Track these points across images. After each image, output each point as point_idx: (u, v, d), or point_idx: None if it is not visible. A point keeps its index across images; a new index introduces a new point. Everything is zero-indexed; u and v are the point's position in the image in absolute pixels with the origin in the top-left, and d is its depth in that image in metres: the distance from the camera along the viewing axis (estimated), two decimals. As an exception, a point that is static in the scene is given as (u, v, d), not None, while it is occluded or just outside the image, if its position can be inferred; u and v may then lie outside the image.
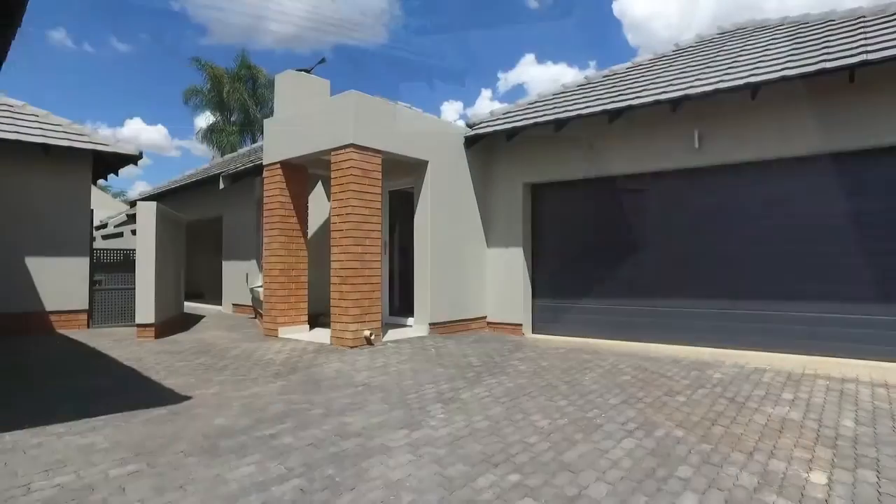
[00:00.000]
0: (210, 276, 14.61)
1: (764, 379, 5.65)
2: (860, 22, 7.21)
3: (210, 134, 34.02)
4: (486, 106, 64.13)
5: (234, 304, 12.88)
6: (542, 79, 68.24)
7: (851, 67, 5.94)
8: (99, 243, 14.28)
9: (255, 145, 21.15)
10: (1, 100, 9.57)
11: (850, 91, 6.29)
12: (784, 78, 6.23)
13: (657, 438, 3.88)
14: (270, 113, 32.76)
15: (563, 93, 9.51)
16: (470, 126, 9.51)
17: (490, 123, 9.15)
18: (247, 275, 12.21)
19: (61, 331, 9.19)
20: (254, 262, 12.02)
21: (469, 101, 72.07)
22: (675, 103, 7.12)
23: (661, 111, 7.44)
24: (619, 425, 4.18)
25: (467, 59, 61.32)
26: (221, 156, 33.40)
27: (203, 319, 11.21)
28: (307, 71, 14.33)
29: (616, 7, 61.67)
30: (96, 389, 5.35)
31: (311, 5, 49.46)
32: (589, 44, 65.67)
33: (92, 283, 9.71)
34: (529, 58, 69.08)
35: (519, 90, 68.12)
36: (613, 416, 4.43)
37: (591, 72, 10.99)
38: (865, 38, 6.33)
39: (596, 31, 62.78)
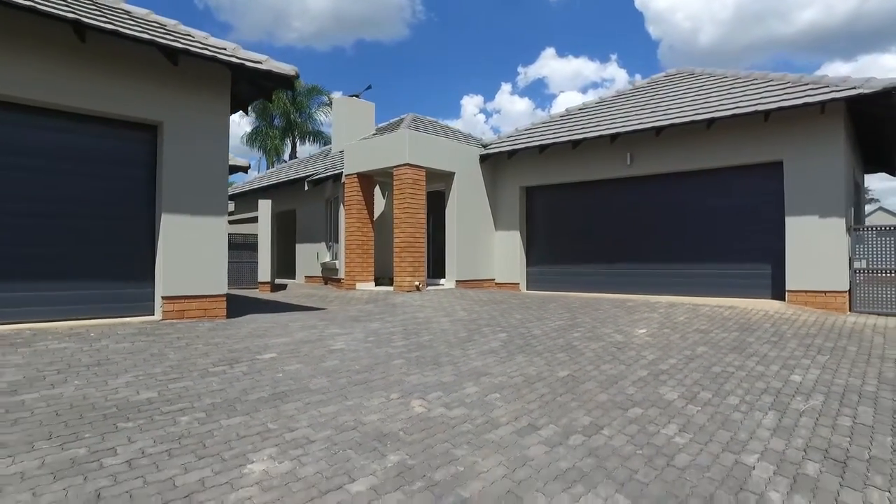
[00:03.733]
0: (283, 257, 18.95)
1: (653, 303, 9.73)
2: (737, 82, 11.17)
3: (254, 137, 37.40)
4: (505, 100, 65.77)
5: (306, 276, 17.18)
6: (564, 73, 68.60)
7: (709, 122, 9.96)
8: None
9: (314, 153, 24.92)
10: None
11: (707, 133, 10.33)
12: (672, 125, 10.27)
13: (574, 321, 8.03)
14: (309, 119, 36.96)
15: (546, 123, 13.63)
16: (484, 146, 13.67)
17: (497, 145, 13.32)
18: (317, 253, 16.49)
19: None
20: (322, 243, 16.29)
21: (489, 96, 72.95)
22: (614, 137, 11.20)
23: (605, 141, 11.51)
24: (557, 316, 8.33)
25: (487, 53, 63.75)
26: (267, 158, 37.68)
27: (288, 286, 15.55)
28: (356, 96, 18.73)
29: (637, 0, 61.67)
30: (277, 307, 9.62)
31: (333, 3, 52.99)
32: (610, 37, 66.78)
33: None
34: (550, 52, 69.22)
35: (539, 85, 69.18)
36: (556, 315, 8.57)
37: (591, 96, 14.97)
38: (723, 99, 10.33)
39: (617, 25, 63.44)
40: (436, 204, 13.68)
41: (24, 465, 2.98)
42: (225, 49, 7.13)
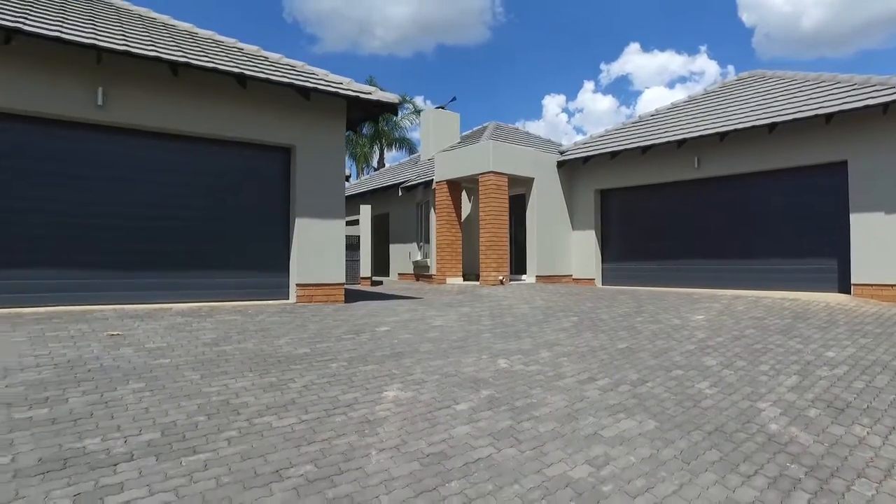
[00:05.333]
0: (378, 256, 20.83)
1: (718, 296, 10.49)
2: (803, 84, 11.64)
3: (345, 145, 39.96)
4: (588, 99, 64.67)
5: (399, 274, 18.93)
6: (649, 68, 65.53)
7: (770, 126, 10.58)
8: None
9: (404, 161, 26.72)
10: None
11: (770, 136, 10.91)
12: (735, 130, 10.97)
13: (640, 309, 9.05)
14: (395, 127, 39.06)
15: (619, 129, 14.53)
16: (561, 153, 14.78)
17: (572, 152, 14.38)
18: (409, 252, 18.18)
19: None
20: (413, 243, 17.95)
21: (571, 95, 71.57)
22: (681, 143, 11.98)
23: (673, 146, 12.30)
24: (625, 305, 9.36)
25: (569, 52, 63.37)
26: (357, 165, 40.20)
27: (384, 282, 17.32)
28: (442, 108, 20.29)
29: None
30: (382, 296, 11.27)
31: (414, 10, 55.13)
32: (699, 28, 62.92)
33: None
34: (634, 47, 66.23)
35: (623, 82, 66.42)
36: (624, 304, 9.61)
37: (669, 100, 15.72)
38: (787, 103, 10.90)
39: (706, 15, 59.94)
40: (517, 205, 14.93)
41: (243, 384, 4.58)
42: (342, 83, 8.80)
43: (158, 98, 7.75)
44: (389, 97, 8.93)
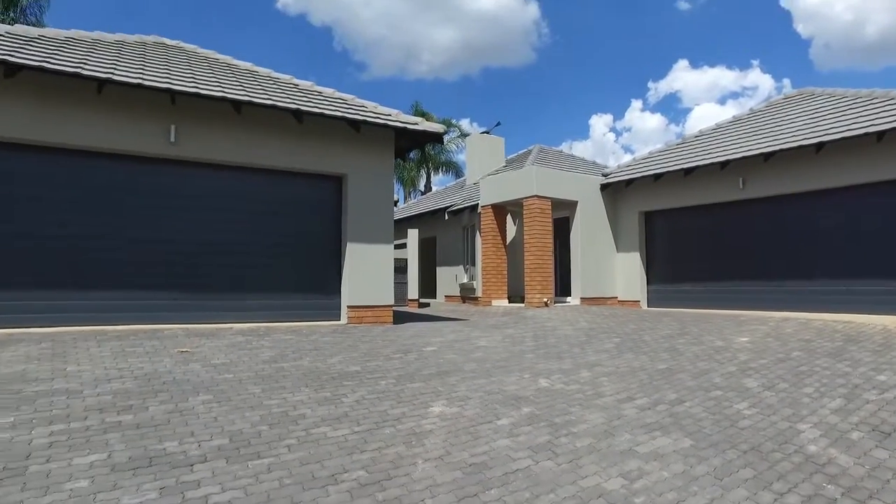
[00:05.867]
0: (425, 278, 21.24)
1: (765, 318, 10.33)
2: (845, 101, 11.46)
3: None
4: (636, 117, 63.90)
5: (445, 296, 19.26)
6: (698, 85, 63.63)
7: (818, 146, 10.46)
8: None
9: (450, 185, 27.23)
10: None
11: (818, 155, 10.75)
12: (781, 150, 10.89)
13: (683, 331, 9.07)
14: (441, 151, 39.76)
15: (663, 151, 14.57)
16: (604, 175, 14.91)
17: (615, 175, 14.50)
18: (456, 275, 18.52)
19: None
20: (460, 266, 18.29)
21: (618, 114, 70.66)
22: (724, 164, 11.95)
23: (717, 167, 12.26)
24: (668, 327, 9.38)
25: (615, 71, 63.11)
26: (404, 188, 41.06)
27: (431, 304, 17.68)
28: (487, 132, 20.70)
29: None
30: (428, 318, 11.61)
31: (460, 34, 56.30)
32: (750, 42, 60.74)
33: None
34: (682, 64, 64.19)
35: (672, 99, 64.70)
36: (667, 326, 9.62)
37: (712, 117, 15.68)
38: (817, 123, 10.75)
39: (758, 28, 57.94)
40: (562, 227, 15.09)
41: (300, 398, 4.95)
42: (390, 115, 9.31)
43: (223, 133, 8.43)
44: (435, 127, 9.38)
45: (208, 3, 55.35)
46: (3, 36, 7.78)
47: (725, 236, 12.69)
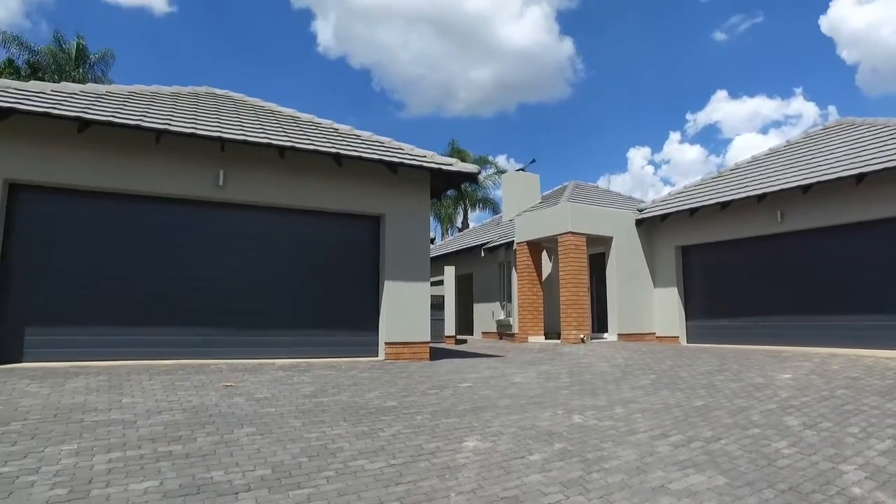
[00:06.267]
0: (462, 315, 21.34)
1: (810, 354, 10.04)
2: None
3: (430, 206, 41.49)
4: (675, 149, 62.94)
5: (482, 332, 19.29)
6: (738, 115, 62.19)
7: (858, 177, 10.29)
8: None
9: (486, 221, 27.53)
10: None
11: (859, 187, 10.55)
12: (819, 183, 10.74)
13: (722, 367, 8.91)
14: (478, 188, 40.21)
15: (698, 185, 14.51)
16: (639, 210, 14.90)
17: (650, 210, 14.48)
18: (492, 311, 18.57)
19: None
20: (496, 303, 18.34)
21: (657, 146, 69.76)
22: (761, 197, 11.84)
23: (753, 200, 12.12)
24: (707, 363, 9.23)
25: (651, 103, 62.92)
26: (441, 225, 41.55)
27: (468, 340, 17.73)
28: (522, 170, 20.94)
29: (825, 24, 54.04)
30: (465, 354, 11.70)
31: (495, 72, 57.41)
32: (792, 70, 59.35)
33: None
34: (721, 94, 62.89)
35: (711, 130, 63.34)
36: (706, 363, 9.46)
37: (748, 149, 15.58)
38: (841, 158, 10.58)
39: (800, 56, 56.83)
40: (598, 263, 15.07)
41: (339, 431, 5.12)
42: (426, 157, 9.66)
43: (267, 177, 8.91)
44: (469, 167, 9.68)
45: (254, 50, 58.28)
46: (78, 94, 8.52)
47: (765, 270, 12.47)
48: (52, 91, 8.47)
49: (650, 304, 14.50)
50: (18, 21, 46.35)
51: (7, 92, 7.73)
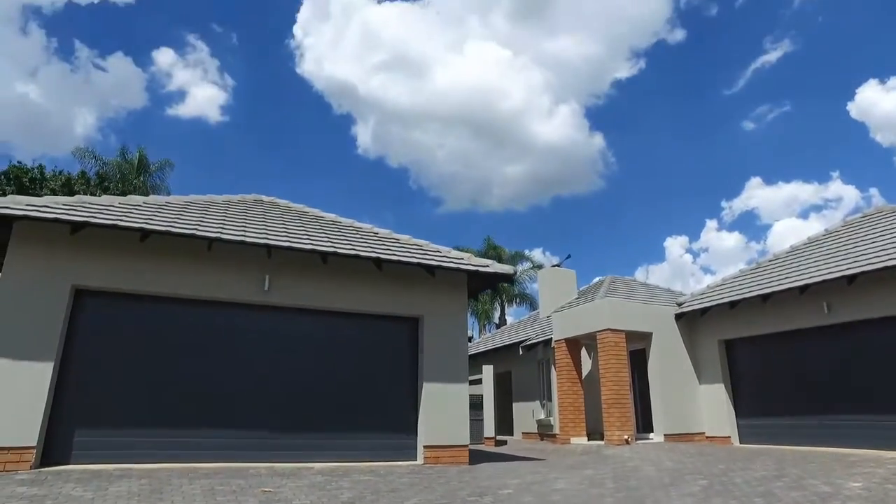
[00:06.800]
0: (501, 414, 20.80)
1: (883, 459, 9.39)
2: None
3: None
4: (712, 237, 61.97)
5: (522, 433, 18.68)
6: (775, 201, 61.43)
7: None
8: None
9: (523, 318, 27.53)
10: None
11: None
12: (863, 273, 10.55)
13: (781, 472, 8.42)
14: (514, 284, 40.34)
15: (737, 277, 14.37)
16: (678, 304, 14.74)
17: (689, 304, 14.31)
18: (532, 411, 18.09)
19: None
20: (536, 402, 17.90)
21: (694, 235, 69.15)
22: (803, 289, 11.63)
23: (796, 291, 11.90)
24: (763, 467, 8.74)
25: (685, 193, 63.16)
26: (478, 321, 41.46)
27: (508, 441, 17.18)
28: (558, 265, 21.10)
29: (854, 110, 53.25)
30: (505, 458, 11.37)
31: (528, 168, 59.19)
32: (826, 155, 58.90)
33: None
34: (755, 181, 62.39)
35: (749, 217, 62.58)
36: (762, 466, 8.96)
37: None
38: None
39: (833, 140, 56.58)
40: (639, 360, 14.74)
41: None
42: (462, 259, 9.99)
43: (309, 281, 9.32)
44: (505, 269, 9.94)
45: (299, 154, 62.02)
46: (141, 206, 9.29)
47: (819, 364, 11.99)
48: (119, 203, 9.25)
49: (696, 401, 13.96)
50: (92, 134, 51.11)
51: (83, 206, 8.50)
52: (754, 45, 53.91)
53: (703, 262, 62.12)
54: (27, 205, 8.04)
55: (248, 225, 9.54)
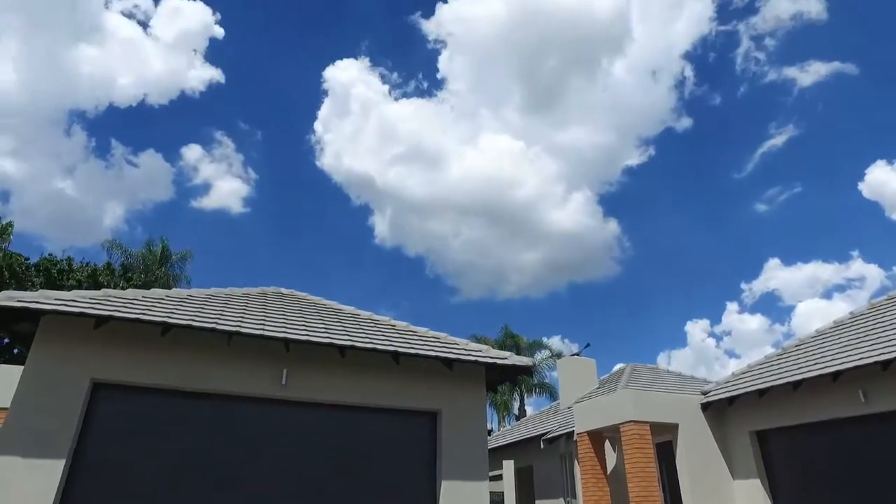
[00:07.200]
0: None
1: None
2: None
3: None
4: (734, 320, 60.59)
5: (546, 534, 17.65)
6: (796, 281, 60.16)
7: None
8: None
9: (544, 409, 26.72)
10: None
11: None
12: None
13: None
14: (534, 372, 39.58)
15: (762, 364, 13.99)
16: (703, 394, 14.28)
17: (715, 393, 13.87)
18: (555, 509, 17.17)
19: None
20: (560, 499, 17.02)
21: (715, 318, 67.46)
22: (836, 375, 11.24)
23: (828, 379, 11.50)
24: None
25: (703, 276, 62.48)
26: (497, 413, 40.33)
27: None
28: (577, 354, 20.81)
29: (866, 189, 53.75)
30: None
31: (544, 255, 59.39)
32: (843, 234, 58.26)
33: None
34: (774, 262, 61.51)
35: (770, 298, 61.22)
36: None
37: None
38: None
39: (849, 219, 56.21)
40: (666, 451, 14.11)
41: None
42: (480, 351, 9.91)
43: (326, 375, 9.24)
44: (523, 361, 9.80)
45: (318, 244, 63.51)
46: (164, 299, 9.46)
47: (862, 457, 11.35)
48: (143, 297, 9.43)
49: (731, 497, 13.16)
50: (119, 226, 53.03)
51: (108, 300, 8.68)
52: (760, 130, 55.55)
53: (726, 346, 60.54)
54: (56, 299, 8.25)
55: (267, 318, 9.64)
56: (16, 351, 26.04)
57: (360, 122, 57.49)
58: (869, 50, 51.17)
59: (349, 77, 57.42)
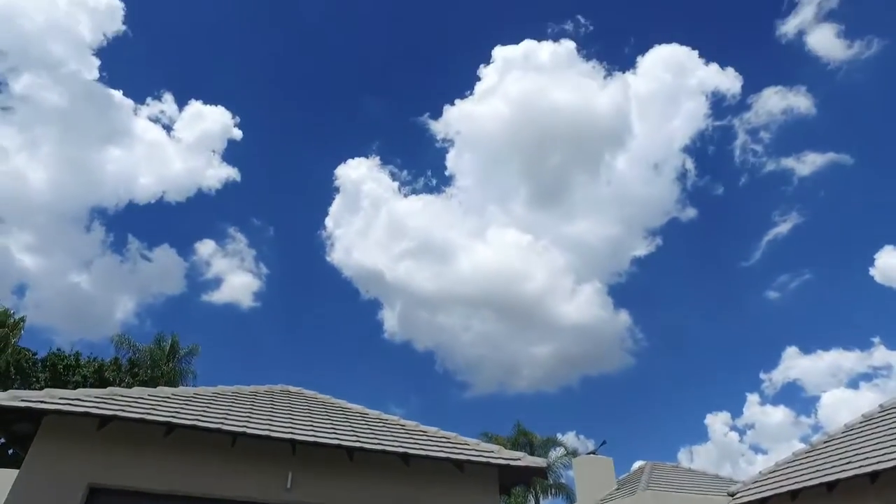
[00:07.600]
0: None
1: None
2: None
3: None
4: (756, 412, 57.72)
5: None
6: (817, 370, 57.66)
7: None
8: None
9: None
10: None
11: None
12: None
13: None
14: (549, 471, 37.79)
15: (790, 462, 13.24)
16: (731, 496, 13.47)
17: (743, 493, 13.05)
18: None
19: None
20: None
21: (736, 411, 64.56)
22: (874, 477, 10.61)
23: (865, 480, 10.84)
24: None
25: (719, 368, 60.48)
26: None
27: None
28: (594, 453, 19.99)
29: (877, 274, 51.85)
30: None
31: (555, 348, 58.17)
32: (862, 319, 56.67)
33: None
34: (792, 351, 59.19)
35: (792, 388, 58.39)
36: None
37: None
38: None
39: (864, 305, 54.48)
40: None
41: None
42: (492, 452, 9.54)
43: (334, 477, 8.87)
44: (537, 462, 9.39)
45: (325, 338, 62.92)
46: (170, 398, 9.30)
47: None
48: (149, 395, 9.26)
49: None
50: (130, 319, 53.09)
51: (114, 399, 8.53)
52: (764, 219, 56.16)
53: (751, 440, 57.67)
54: (60, 398, 8.12)
55: (273, 417, 9.40)
56: (10, 452, 25.32)
57: (370, 218, 58.86)
58: (860, 141, 52.78)
59: (360, 174, 59.39)
